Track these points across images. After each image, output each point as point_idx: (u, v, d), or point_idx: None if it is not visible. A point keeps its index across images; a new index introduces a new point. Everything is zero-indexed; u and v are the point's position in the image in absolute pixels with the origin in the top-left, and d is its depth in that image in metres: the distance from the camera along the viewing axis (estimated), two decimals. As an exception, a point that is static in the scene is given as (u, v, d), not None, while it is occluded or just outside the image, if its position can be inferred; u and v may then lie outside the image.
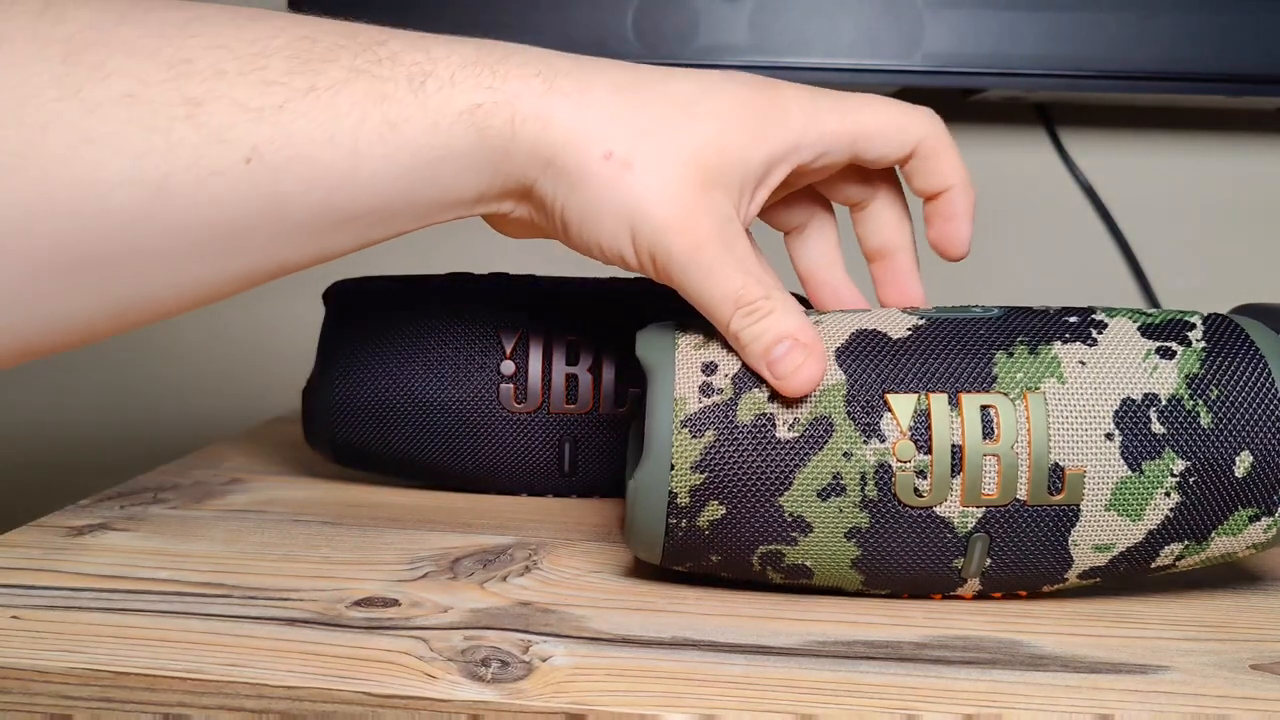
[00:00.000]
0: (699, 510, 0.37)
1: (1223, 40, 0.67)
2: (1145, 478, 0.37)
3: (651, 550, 0.39)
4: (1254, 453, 0.37)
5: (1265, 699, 0.33)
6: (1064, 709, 0.32)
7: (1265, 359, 0.38)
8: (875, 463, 0.37)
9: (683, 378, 0.38)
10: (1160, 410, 0.37)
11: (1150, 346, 0.38)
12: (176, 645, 0.35)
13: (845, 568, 0.38)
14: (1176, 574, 0.42)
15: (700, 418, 0.37)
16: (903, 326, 0.39)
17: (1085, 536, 0.38)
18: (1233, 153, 0.80)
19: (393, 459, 0.52)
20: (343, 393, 0.51)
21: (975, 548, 0.38)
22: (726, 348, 0.38)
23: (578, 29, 0.69)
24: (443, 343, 0.51)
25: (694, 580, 0.41)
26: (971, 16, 0.67)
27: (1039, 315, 0.40)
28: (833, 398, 0.37)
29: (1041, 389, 0.37)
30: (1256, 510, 0.38)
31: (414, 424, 0.51)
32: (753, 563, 0.38)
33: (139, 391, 0.86)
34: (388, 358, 0.51)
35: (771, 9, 0.69)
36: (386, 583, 0.41)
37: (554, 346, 0.51)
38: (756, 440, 0.37)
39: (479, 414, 0.51)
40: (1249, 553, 0.39)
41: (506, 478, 0.53)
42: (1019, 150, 0.80)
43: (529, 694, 0.32)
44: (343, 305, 0.54)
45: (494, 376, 0.51)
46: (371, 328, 0.52)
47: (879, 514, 0.37)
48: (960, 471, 0.37)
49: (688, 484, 0.37)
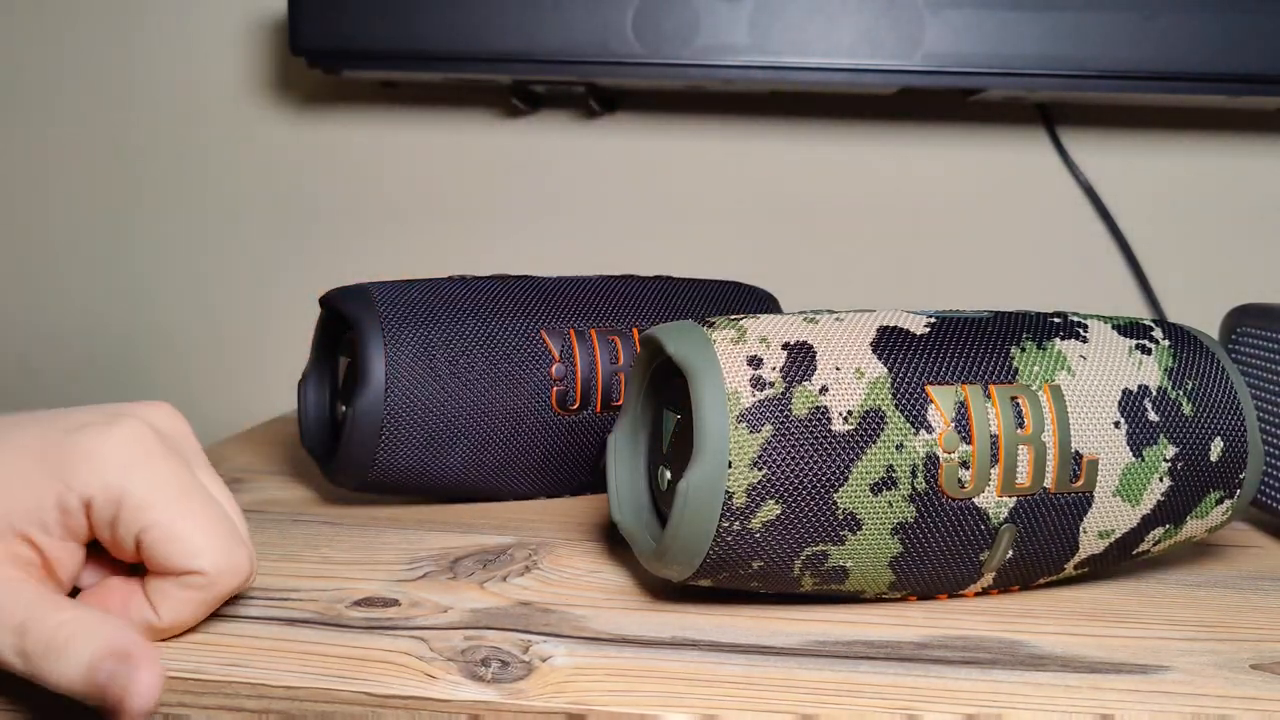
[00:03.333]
0: (754, 510, 0.36)
1: (1223, 40, 0.67)
2: (1145, 463, 0.39)
3: (689, 561, 0.37)
4: (1224, 438, 0.40)
5: (1265, 699, 0.33)
6: (1064, 709, 0.32)
7: (1216, 355, 0.41)
8: (925, 454, 0.37)
9: (731, 372, 0.36)
10: (1153, 399, 0.39)
11: (1131, 344, 0.40)
12: (176, 645, 0.35)
13: (882, 566, 0.38)
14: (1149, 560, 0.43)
15: (756, 412, 0.36)
16: (919, 324, 0.39)
17: (1094, 523, 0.39)
18: (1233, 153, 0.80)
19: (441, 476, 0.50)
20: (394, 415, 0.48)
21: (1003, 539, 0.38)
22: (763, 340, 0.37)
23: (578, 29, 0.69)
24: (493, 351, 0.49)
25: (694, 580, 0.41)
26: (972, 16, 0.67)
27: (1024, 315, 0.41)
28: (881, 390, 0.37)
29: (1057, 380, 0.38)
30: (1223, 493, 0.41)
31: (471, 439, 0.49)
32: (794, 567, 0.37)
33: (139, 391, 0.86)
34: (439, 375, 0.48)
35: (771, 9, 0.69)
36: (386, 583, 0.41)
37: (599, 346, 0.51)
38: (814, 434, 0.36)
39: (532, 421, 0.50)
40: (1205, 535, 0.42)
41: (554, 482, 0.53)
42: (1019, 150, 0.80)
43: (529, 694, 0.32)
44: (353, 313, 0.49)
45: (546, 381, 0.50)
46: (404, 344, 0.48)
47: (924, 507, 0.37)
48: (998, 461, 0.37)
49: (745, 482, 0.36)
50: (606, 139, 0.82)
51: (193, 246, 0.85)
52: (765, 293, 0.60)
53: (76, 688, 0.31)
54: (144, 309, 0.86)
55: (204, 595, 0.35)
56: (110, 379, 0.87)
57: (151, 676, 0.31)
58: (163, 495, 0.34)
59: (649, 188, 0.83)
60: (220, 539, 0.35)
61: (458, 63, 0.70)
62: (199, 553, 0.34)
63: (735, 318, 0.39)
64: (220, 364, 0.86)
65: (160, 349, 0.86)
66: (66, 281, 0.86)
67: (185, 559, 0.34)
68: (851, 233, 0.82)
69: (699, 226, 0.83)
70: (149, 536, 0.34)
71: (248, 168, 0.84)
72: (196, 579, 0.34)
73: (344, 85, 0.83)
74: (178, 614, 0.35)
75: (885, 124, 0.80)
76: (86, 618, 0.32)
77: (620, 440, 0.43)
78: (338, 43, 0.70)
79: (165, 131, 0.84)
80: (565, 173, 0.83)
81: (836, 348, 0.37)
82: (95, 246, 0.86)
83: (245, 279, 0.85)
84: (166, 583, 0.35)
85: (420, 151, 0.83)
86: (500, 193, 0.83)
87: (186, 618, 0.35)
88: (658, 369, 0.41)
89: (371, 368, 0.47)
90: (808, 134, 0.81)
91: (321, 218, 0.84)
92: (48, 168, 0.85)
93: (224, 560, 0.35)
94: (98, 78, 0.84)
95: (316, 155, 0.84)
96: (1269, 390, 0.50)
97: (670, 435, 0.40)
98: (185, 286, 0.86)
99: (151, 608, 0.35)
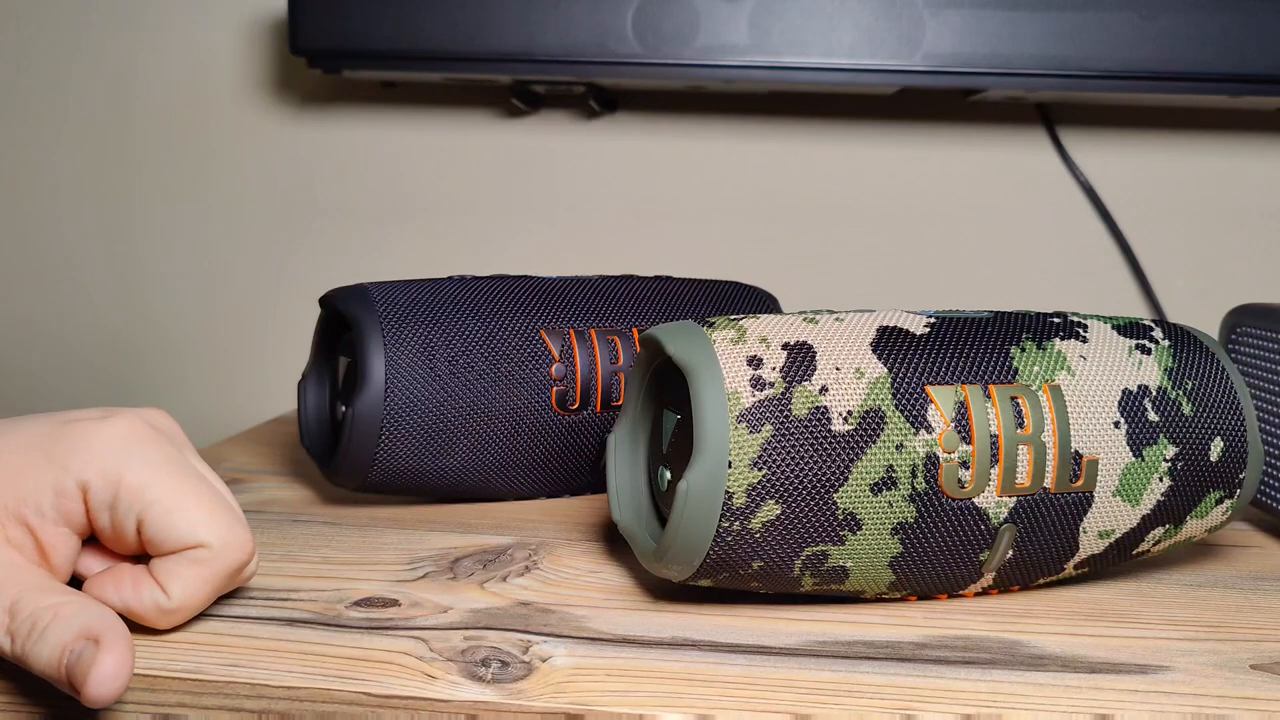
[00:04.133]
0: (754, 511, 0.36)
1: (1223, 40, 0.67)
2: (1145, 463, 0.39)
3: (689, 561, 0.37)
4: (1224, 438, 0.40)
5: (1265, 699, 0.33)
6: (1064, 709, 0.32)
7: (1216, 355, 0.41)
8: (924, 454, 0.37)
9: (731, 372, 0.36)
10: (1152, 399, 0.39)
11: (1130, 344, 0.40)
12: (176, 645, 0.35)
13: (882, 566, 0.38)
14: (1149, 560, 0.43)
15: (756, 412, 0.36)
16: (919, 324, 0.39)
17: (1094, 523, 0.39)
18: (1233, 153, 0.80)
19: (441, 477, 0.50)
20: (394, 415, 0.48)
21: (1003, 539, 0.38)
22: (763, 340, 0.37)
23: (578, 29, 0.69)
24: (493, 352, 0.49)
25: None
26: (972, 16, 0.67)
27: (1024, 316, 0.41)
28: (880, 390, 0.37)
29: (1057, 381, 0.38)
30: (1223, 493, 0.40)
31: (471, 439, 0.49)
32: (794, 567, 0.37)
33: (139, 392, 0.86)
34: (439, 375, 0.48)
35: (771, 9, 0.69)
36: (386, 583, 0.41)
37: (599, 346, 0.51)
38: (814, 434, 0.36)
39: (532, 421, 0.50)
40: (1205, 535, 0.42)
41: (554, 482, 0.53)
42: (1019, 150, 0.80)
43: (529, 694, 0.32)
44: (353, 314, 0.49)
45: (546, 381, 0.50)
46: (404, 344, 0.48)
47: (924, 507, 0.37)
48: (998, 461, 0.37)
49: (745, 482, 0.36)
50: (606, 139, 0.82)
51: (192, 246, 0.85)
52: (765, 293, 0.60)
53: (50, 670, 0.31)
54: (144, 309, 0.86)
55: (211, 570, 0.35)
56: (110, 379, 0.87)
57: (116, 663, 0.30)
58: (160, 474, 0.34)
59: (649, 188, 0.83)
60: (221, 513, 0.35)
61: (458, 63, 0.70)
62: (200, 524, 0.34)
63: (735, 318, 0.39)
64: (220, 364, 0.86)
65: (160, 349, 0.86)
66: (65, 281, 0.86)
67: (188, 532, 0.34)
68: (851, 233, 0.82)
69: (699, 226, 0.83)
70: (150, 514, 0.34)
71: (248, 168, 0.84)
72: (201, 553, 0.34)
73: (344, 85, 0.83)
74: (186, 590, 0.35)
75: (885, 124, 0.80)
76: (75, 601, 0.32)
77: (620, 440, 0.43)
78: (338, 43, 0.70)
79: (165, 131, 0.84)
80: (565, 173, 0.83)
81: (836, 348, 0.37)
82: (94, 246, 0.86)
83: (245, 279, 0.85)
84: (171, 561, 0.35)
85: (420, 151, 0.83)
86: (500, 193, 0.83)
87: (196, 594, 0.35)
88: (658, 369, 0.41)
89: (371, 368, 0.47)
90: (808, 134, 0.81)
91: (321, 218, 0.84)
92: (47, 167, 0.85)
93: (227, 533, 0.35)
94: (98, 78, 0.84)
95: (316, 155, 0.84)
96: (1269, 390, 0.50)
97: (670, 435, 0.40)
98: (185, 286, 0.86)
99: (161, 588, 0.35)
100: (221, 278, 0.85)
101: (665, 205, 0.83)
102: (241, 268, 0.85)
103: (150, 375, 0.87)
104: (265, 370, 0.86)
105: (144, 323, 0.86)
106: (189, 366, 0.86)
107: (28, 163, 0.86)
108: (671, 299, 0.55)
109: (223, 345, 0.86)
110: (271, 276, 0.85)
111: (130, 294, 0.86)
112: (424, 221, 0.83)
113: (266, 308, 0.85)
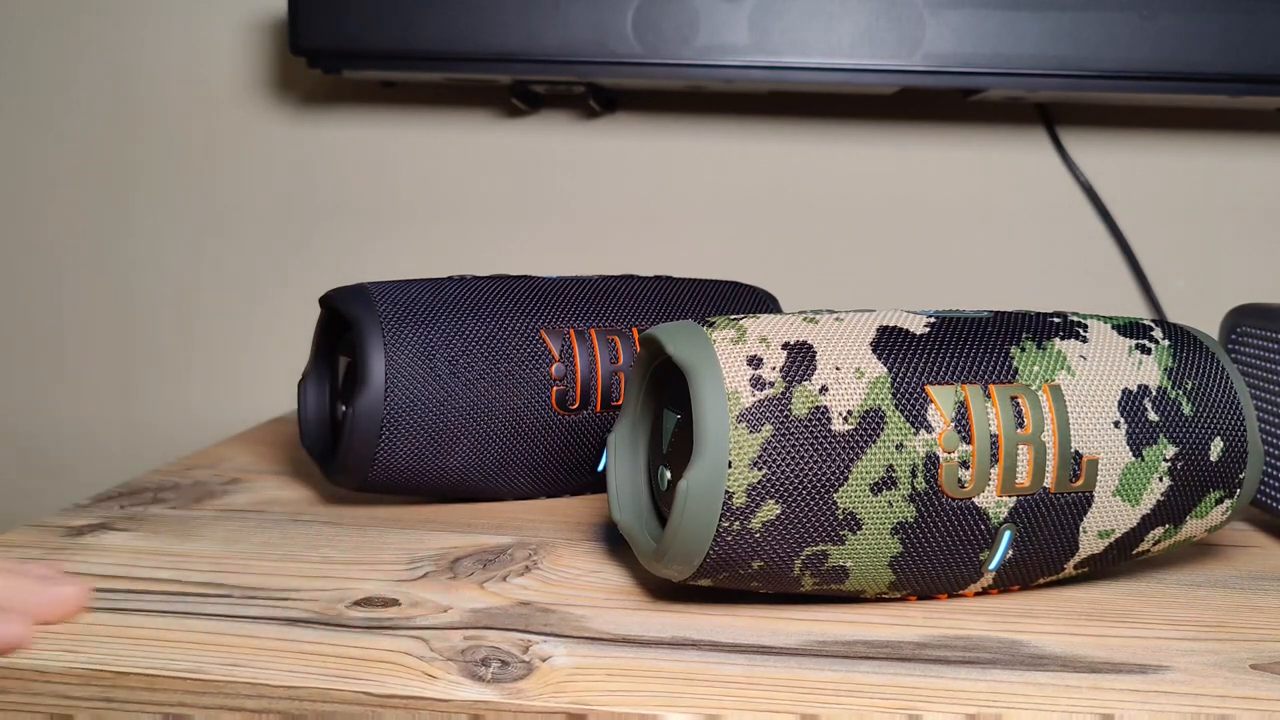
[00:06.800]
0: (754, 510, 0.36)
1: (1223, 40, 0.67)
2: (1145, 463, 0.39)
3: (689, 561, 0.37)
4: (1224, 438, 0.40)
5: (1265, 699, 0.33)
6: (1064, 709, 0.32)
7: (1215, 355, 0.41)
8: (924, 454, 0.37)
9: (731, 372, 0.37)
10: (1152, 399, 0.39)
11: (1130, 343, 0.40)
12: (176, 645, 0.35)
13: (882, 566, 0.38)
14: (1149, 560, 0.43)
15: (756, 412, 0.36)
16: (919, 324, 0.39)
17: (1094, 523, 0.39)
18: (1233, 153, 0.80)
19: (441, 476, 0.50)
20: (394, 415, 0.48)
21: (1003, 539, 0.38)
22: (763, 340, 0.37)
23: (578, 29, 0.69)
24: (493, 351, 0.49)
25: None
26: (972, 16, 0.67)
27: (1024, 315, 0.41)
28: (880, 390, 0.37)
29: (1057, 380, 0.39)
30: (1223, 492, 0.41)
31: (471, 439, 0.49)
32: (794, 567, 0.37)
33: (139, 391, 0.86)
34: (439, 375, 0.48)
35: (771, 9, 0.69)
36: (386, 583, 0.41)
37: (599, 345, 0.51)
38: (813, 434, 0.36)
39: (532, 421, 0.50)
40: (1205, 535, 0.42)
41: (554, 482, 0.52)
42: (1019, 150, 0.80)
43: (529, 694, 0.32)
44: (353, 313, 0.49)
45: (546, 381, 0.50)
46: (404, 344, 0.48)
47: (924, 506, 0.37)
48: (998, 461, 0.37)
49: (745, 482, 0.36)
50: (606, 139, 0.82)
51: (192, 246, 0.85)
52: (765, 293, 0.60)
53: None
54: (144, 309, 0.86)
55: None
56: (109, 378, 0.87)
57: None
58: None
59: (649, 188, 0.83)
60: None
61: (458, 63, 0.70)
62: None
63: (735, 318, 0.39)
64: (220, 364, 0.86)
65: (160, 348, 0.86)
66: (64, 280, 0.86)
67: None
68: (851, 233, 0.82)
69: (699, 226, 0.82)
70: None
71: (248, 168, 0.84)
72: None
73: (344, 85, 0.83)
74: None
75: (885, 124, 0.80)
76: None
77: (620, 440, 0.43)
78: (338, 43, 0.70)
79: (165, 131, 0.84)
80: (565, 173, 0.83)
81: (836, 347, 0.37)
82: (94, 246, 0.86)
83: (245, 279, 0.85)
84: None
85: (420, 151, 0.83)
86: (500, 193, 0.83)
87: None
88: (658, 369, 0.41)
89: (371, 368, 0.47)
90: (808, 134, 0.81)
91: (321, 218, 0.84)
92: (47, 167, 0.85)
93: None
94: (97, 77, 0.84)
95: (316, 155, 0.84)
96: (1269, 390, 0.50)
97: (670, 435, 0.40)
98: (185, 286, 0.86)
99: None
100: (221, 277, 0.85)
101: (665, 205, 0.83)
102: (241, 268, 0.85)
103: (150, 375, 0.87)
104: (265, 370, 0.86)
105: (144, 322, 0.86)
106: (189, 366, 0.86)
107: (28, 162, 0.86)
108: (671, 299, 0.55)
109: (223, 345, 0.86)
110: (271, 276, 0.85)
111: (130, 294, 0.86)
112: (424, 221, 0.83)
113: (267, 308, 0.85)
